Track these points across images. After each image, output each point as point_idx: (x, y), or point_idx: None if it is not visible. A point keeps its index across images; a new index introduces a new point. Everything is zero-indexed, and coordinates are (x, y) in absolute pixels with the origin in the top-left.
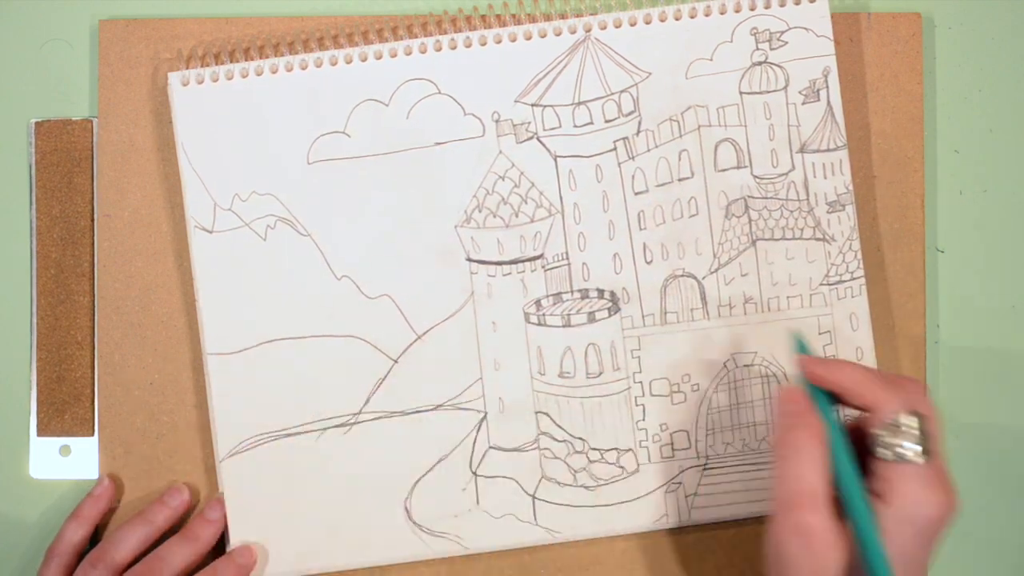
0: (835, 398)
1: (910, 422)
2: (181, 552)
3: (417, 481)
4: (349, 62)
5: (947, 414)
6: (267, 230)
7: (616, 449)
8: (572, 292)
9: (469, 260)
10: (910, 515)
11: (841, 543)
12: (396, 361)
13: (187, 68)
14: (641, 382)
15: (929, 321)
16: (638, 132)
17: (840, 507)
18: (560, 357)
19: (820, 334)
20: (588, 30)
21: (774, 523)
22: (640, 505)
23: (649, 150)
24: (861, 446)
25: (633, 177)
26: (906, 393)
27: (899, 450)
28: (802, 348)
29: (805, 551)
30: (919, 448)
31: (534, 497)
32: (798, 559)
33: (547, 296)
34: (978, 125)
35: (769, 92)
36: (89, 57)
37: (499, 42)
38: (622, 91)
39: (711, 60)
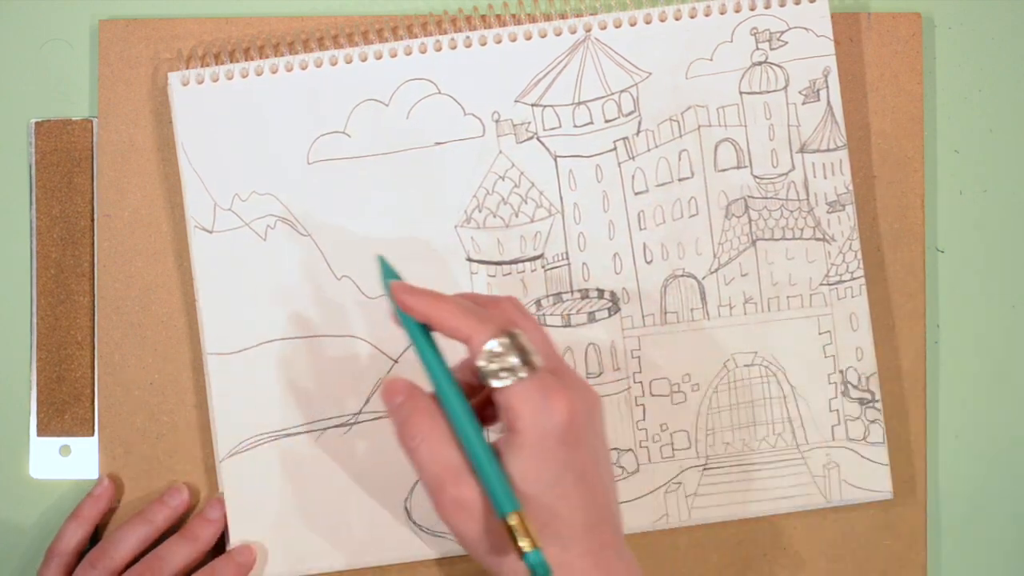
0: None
1: (504, 342)
2: (181, 551)
3: (417, 481)
4: (349, 62)
5: (947, 414)
6: (267, 230)
7: (616, 449)
8: (572, 292)
9: (469, 260)
10: (539, 430)
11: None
12: (396, 361)
13: (187, 68)
14: (641, 382)
15: (929, 321)
16: (638, 132)
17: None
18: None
19: (820, 334)
20: (588, 30)
21: (436, 509)
22: (640, 505)
23: (649, 150)
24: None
25: (633, 177)
26: (497, 315)
27: (504, 374)
28: (389, 273)
29: (471, 521)
30: (519, 363)
31: None
32: (468, 531)
33: (547, 296)
34: (978, 125)
35: (769, 92)
36: (89, 57)
37: (499, 42)
38: (622, 91)
39: (711, 60)
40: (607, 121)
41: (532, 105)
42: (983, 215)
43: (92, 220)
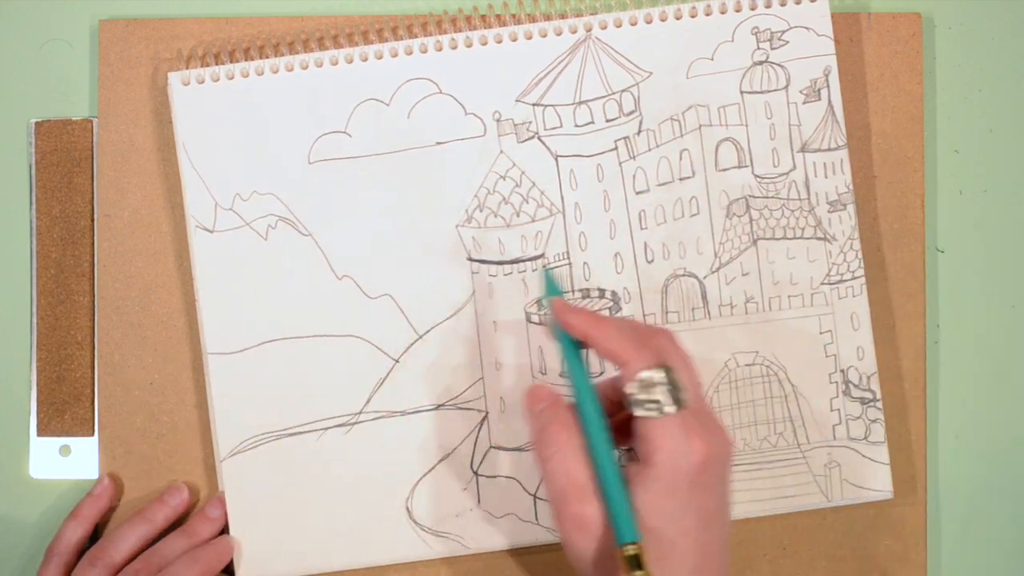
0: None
1: (658, 375)
2: (180, 549)
3: (418, 481)
4: (350, 62)
5: (947, 414)
6: (268, 230)
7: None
8: (573, 292)
9: (470, 260)
10: (673, 467)
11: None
12: (397, 361)
13: (187, 68)
14: None
15: (929, 321)
16: (639, 131)
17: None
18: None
19: (821, 333)
20: (589, 30)
21: (556, 520)
22: None
23: (650, 149)
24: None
25: (634, 176)
26: (655, 345)
27: (651, 405)
28: (553, 289)
29: (587, 540)
30: (670, 400)
31: (535, 497)
32: (583, 549)
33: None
34: (978, 125)
35: (770, 91)
36: (89, 57)
37: (500, 42)
38: (623, 90)
39: (712, 59)
40: (608, 121)
41: (533, 105)
42: (983, 215)
43: (92, 220)
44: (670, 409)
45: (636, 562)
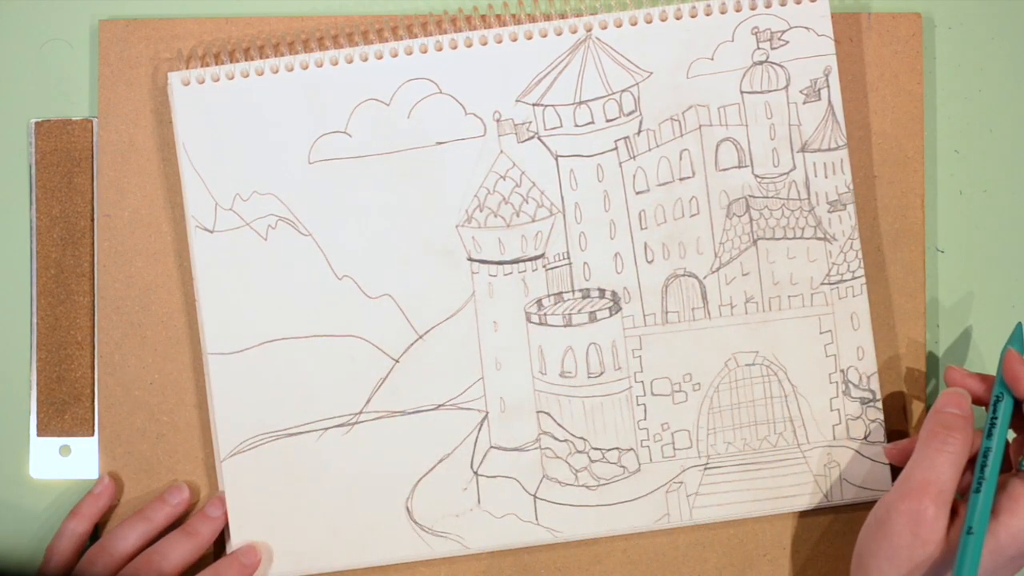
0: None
1: None
2: (180, 547)
3: (418, 481)
4: (350, 62)
5: None
6: (268, 230)
7: (617, 448)
8: (573, 292)
9: (470, 260)
10: (1017, 534)
11: (944, 541)
12: (397, 361)
13: (187, 68)
14: (642, 381)
15: (929, 321)
16: (639, 131)
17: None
18: (561, 357)
19: (821, 333)
20: (589, 30)
21: (894, 498)
22: (641, 504)
23: (650, 149)
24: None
25: (634, 176)
26: None
27: None
28: (1019, 340)
29: (911, 533)
30: None
31: (535, 497)
32: (901, 537)
33: (548, 296)
34: (978, 125)
35: (770, 91)
36: (89, 57)
37: (500, 42)
38: (623, 90)
39: (712, 59)
40: (608, 120)
41: (533, 105)
42: (983, 215)
43: (92, 220)
44: None
45: None
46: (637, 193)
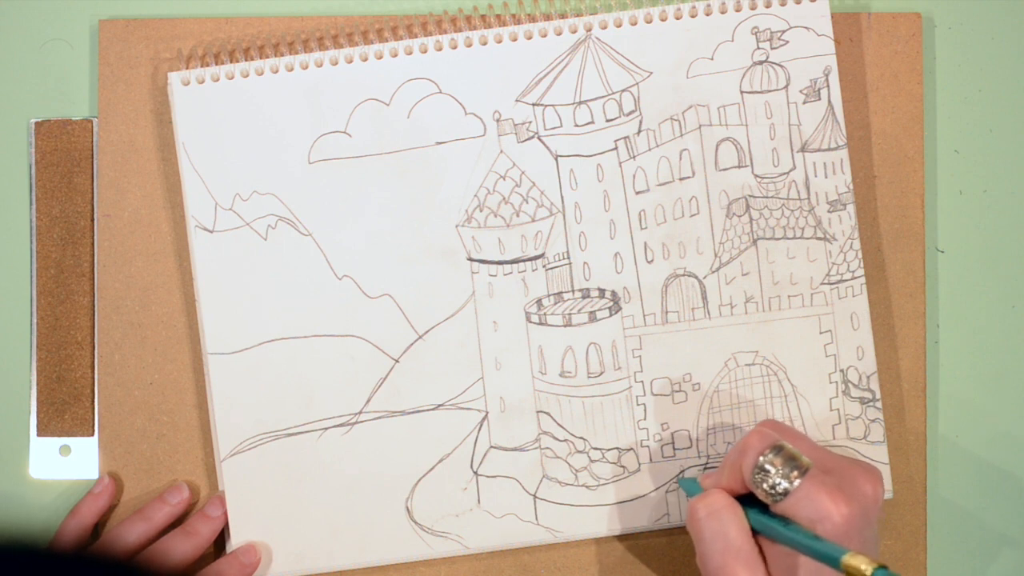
0: (748, 500)
1: (766, 458)
2: (180, 546)
3: (418, 481)
4: (350, 62)
5: (947, 414)
6: (268, 230)
7: (617, 448)
8: (573, 291)
9: (470, 259)
10: (823, 533)
11: None
12: (397, 361)
13: (187, 68)
14: (642, 381)
15: (929, 321)
16: (639, 131)
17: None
18: (561, 356)
19: (821, 333)
20: (589, 29)
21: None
22: (641, 504)
23: (650, 149)
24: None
25: (634, 176)
26: (751, 443)
27: (777, 488)
28: (691, 489)
29: None
30: (788, 471)
31: (535, 496)
32: None
33: (548, 296)
34: (978, 125)
35: (770, 91)
36: (89, 57)
37: (500, 42)
38: (623, 90)
39: (712, 59)
40: (608, 120)
41: (533, 104)
42: (983, 215)
43: (92, 220)
44: (796, 480)
45: (859, 561)
46: (637, 193)
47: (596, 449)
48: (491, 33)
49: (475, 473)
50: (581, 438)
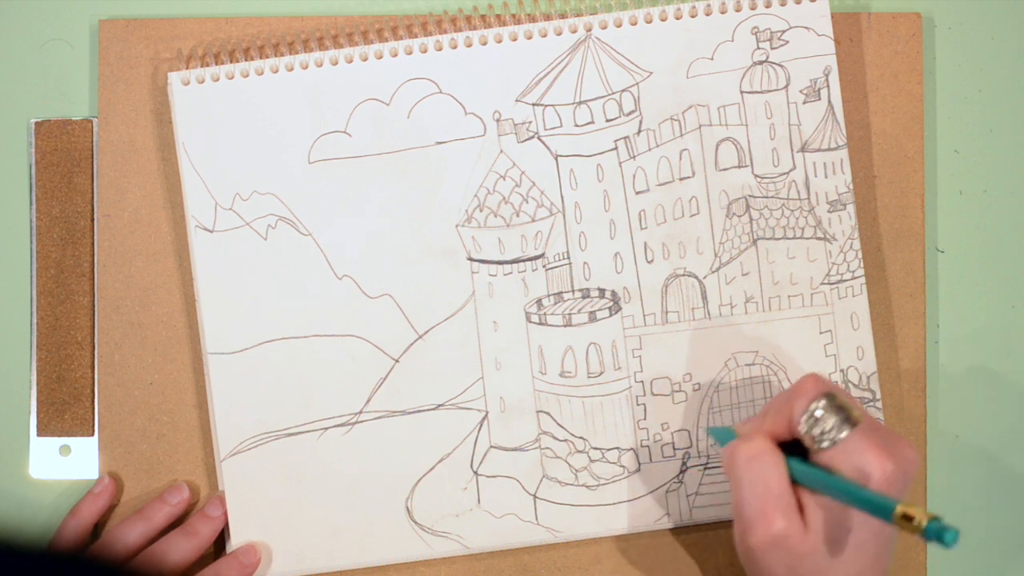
0: (787, 449)
1: (818, 404)
2: (180, 547)
3: (418, 481)
4: (350, 62)
5: (947, 414)
6: (268, 230)
7: (617, 448)
8: (573, 291)
9: (470, 259)
10: (866, 483)
11: (815, 535)
12: (397, 361)
13: (187, 68)
14: (642, 381)
15: (929, 321)
16: (639, 131)
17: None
18: (561, 356)
19: (821, 333)
20: (589, 29)
21: (741, 538)
22: (641, 504)
23: (650, 149)
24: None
25: (634, 176)
26: (805, 388)
27: (825, 436)
28: (723, 437)
29: (782, 564)
30: (840, 421)
31: (535, 496)
32: (777, 568)
33: (548, 295)
34: (978, 125)
35: (770, 91)
36: (89, 57)
37: (500, 41)
38: (623, 90)
39: (712, 59)
40: (608, 120)
41: (533, 104)
42: (983, 215)
43: (92, 220)
44: (845, 431)
45: (913, 514)
46: (637, 193)
47: (596, 449)
48: (491, 33)
49: (475, 473)
50: (581, 438)
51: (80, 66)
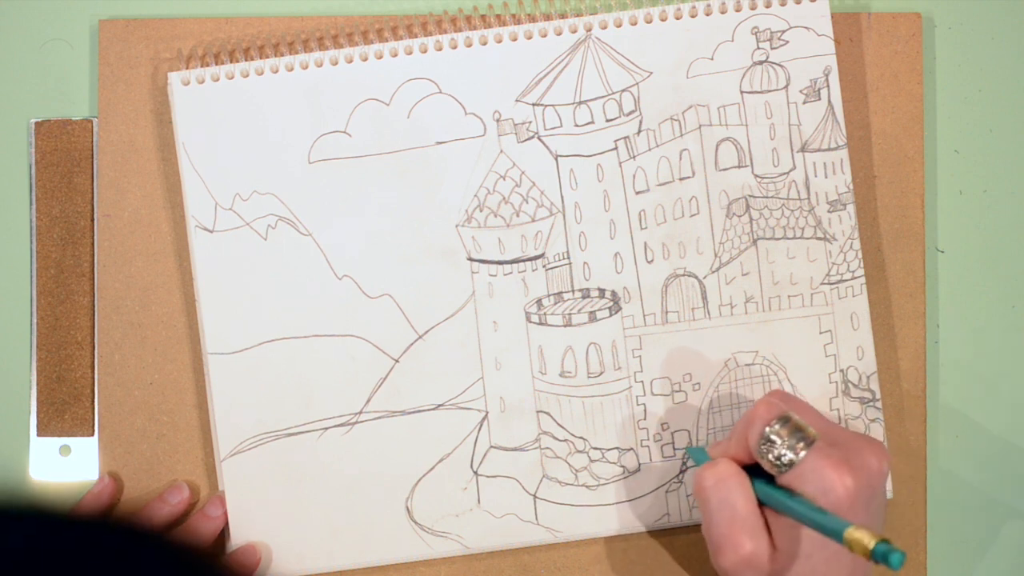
0: (754, 471)
1: (772, 429)
2: None
3: (418, 481)
4: (350, 61)
5: (947, 414)
6: (268, 230)
7: (617, 448)
8: (573, 291)
9: (470, 259)
10: (827, 505)
11: (778, 552)
12: (397, 361)
13: (187, 68)
14: (642, 381)
15: (929, 321)
16: (639, 131)
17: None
18: (561, 356)
19: (821, 333)
20: (589, 29)
21: (720, 556)
22: (641, 504)
23: (650, 149)
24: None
25: (634, 176)
26: (758, 414)
27: (782, 459)
28: (699, 458)
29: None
30: (794, 443)
31: (535, 496)
32: None
33: (548, 295)
34: (978, 125)
35: (770, 91)
36: (89, 57)
37: (500, 41)
38: (623, 90)
39: (712, 59)
40: (608, 120)
41: (533, 104)
42: (983, 215)
43: (92, 220)
44: (802, 452)
45: (861, 536)
46: (637, 193)
47: (596, 449)
48: (491, 33)
49: (475, 473)
50: (581, 438)
51: (80, 66)
